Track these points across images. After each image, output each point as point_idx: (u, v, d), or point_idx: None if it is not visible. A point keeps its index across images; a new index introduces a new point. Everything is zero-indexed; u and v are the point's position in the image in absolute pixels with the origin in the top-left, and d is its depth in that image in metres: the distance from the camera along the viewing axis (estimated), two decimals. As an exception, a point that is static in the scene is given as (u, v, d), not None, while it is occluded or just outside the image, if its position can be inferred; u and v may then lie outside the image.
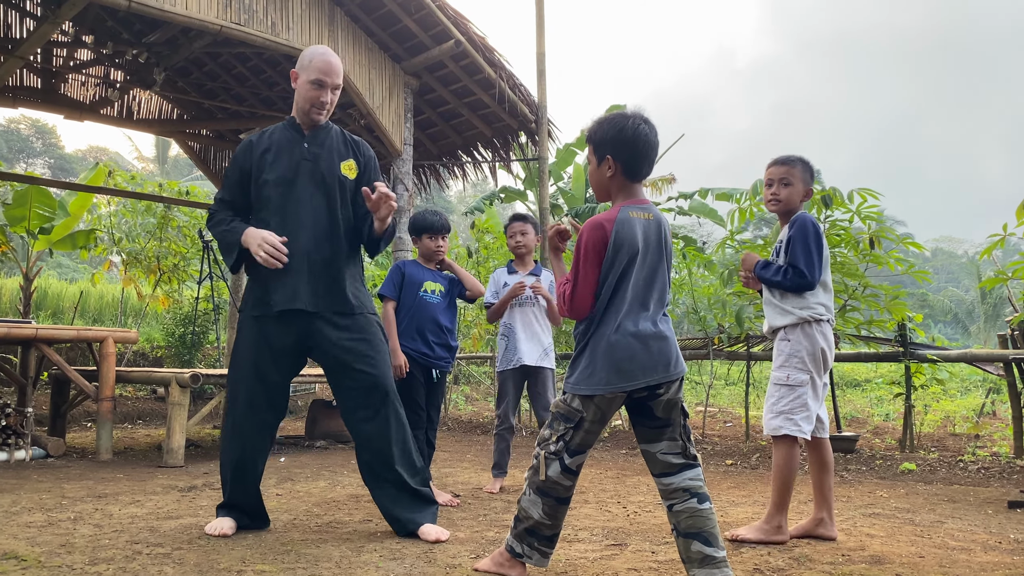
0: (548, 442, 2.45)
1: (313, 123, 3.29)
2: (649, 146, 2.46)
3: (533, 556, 2.48)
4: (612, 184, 2.50)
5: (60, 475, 4.79)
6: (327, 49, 3.27)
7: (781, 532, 3.16)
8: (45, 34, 6.34)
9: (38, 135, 43.73)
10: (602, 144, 2.48)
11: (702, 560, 2.29)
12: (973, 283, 35.89)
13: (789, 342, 3.26)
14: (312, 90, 3.21)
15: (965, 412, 9.67)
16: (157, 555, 2.82)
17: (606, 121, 2.50)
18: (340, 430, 7.02)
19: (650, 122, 2.47)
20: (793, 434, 3.17)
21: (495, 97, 7.45)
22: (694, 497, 2.34)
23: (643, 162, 2.46)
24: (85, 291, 14.29)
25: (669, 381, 2.36)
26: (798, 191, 3.36)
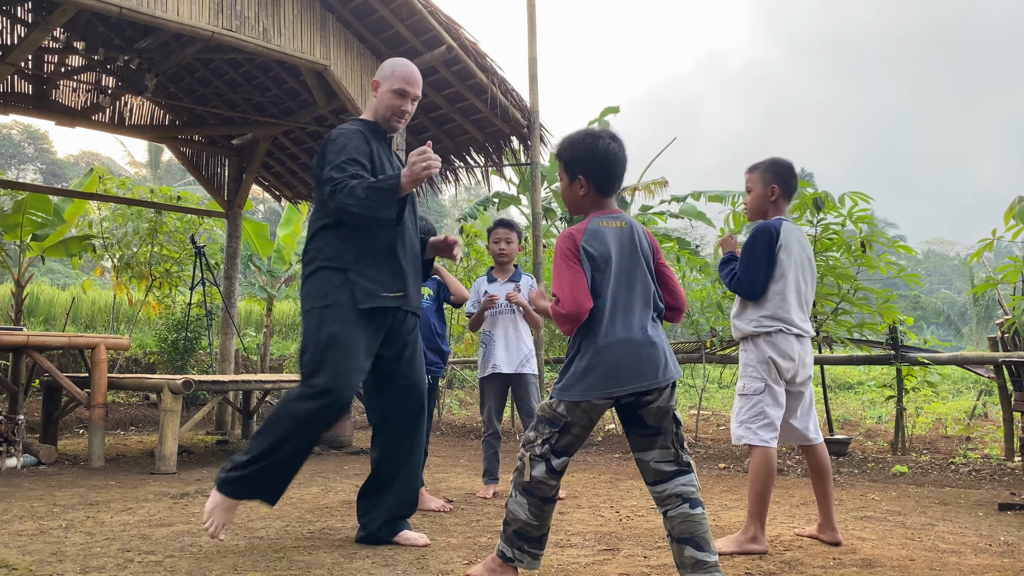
0: (533, 444, 2.47)
1: (392, 130, 3.33)
2: (618, 163, 2.51)
3: (524, 559, 2.48)
4: (584, 201, 2.55)
5: (52, 482, 4.77)
6: (409, 62, 3.33)
7: (757, 542, 3.11)
8: (36, 40, 6.33)
9: (30, 141, 43.59)
10: (573, 163, 2.53)
11: (694, 565, 2.30)
12: (965, 285, 36.05)
13: (745, 352, 3.30)
14: (395, 99, 3.25)
15: (956, 414, 9.71)
16: (149, 563, 2.82)
17: (576, 141, 2.54)
18: (333, 436, 7.01)
19: (618, 139, 2.53)
20: (753, 443, 3.18)
21: (487, 102, 7.46)
22: (686, 502, 2.35)
23: (613, 179, 2.52)
24: (77, 297, 14.25)
25: (658, 388, 2.37)
26: (757, 193, 3.36)
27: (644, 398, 2.38)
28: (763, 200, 3.35)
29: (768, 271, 3.22)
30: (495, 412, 4.65)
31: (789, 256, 3.25)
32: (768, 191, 3.34)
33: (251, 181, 9.70)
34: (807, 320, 3.32)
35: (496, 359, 4.57)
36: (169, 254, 11.12)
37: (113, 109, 8.85)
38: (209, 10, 5.92)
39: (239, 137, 9.55)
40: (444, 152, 8.63)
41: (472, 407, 12.00)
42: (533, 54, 7.25)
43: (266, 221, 37.50)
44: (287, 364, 12.71)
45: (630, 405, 2.41)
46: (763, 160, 3.42)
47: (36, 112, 8.20)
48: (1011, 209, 5.40)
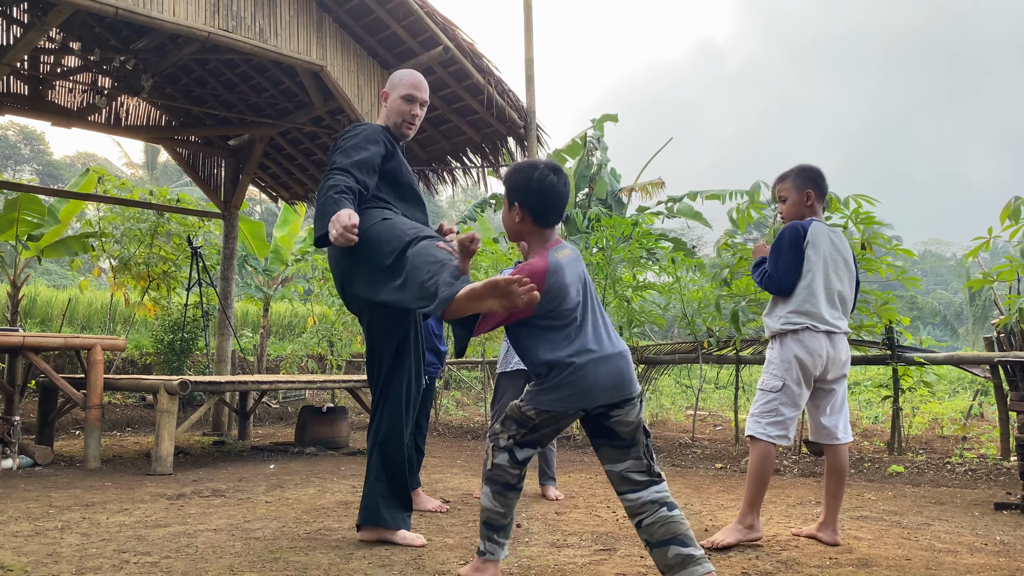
0: (498, 436, 2.54)
1: (404, 137, 3.40)
2: (556, 195, 2.57)
3: (494, 551, 2.53)
4: (522, 228, 2.61)
5: (47, 484, 4.76)
6: (415, 71, 3.45)
7: (753, 530, 3.22)
8: (32, 41, 6.31)
9: (26, 141, 43.51)
10: (512, 190, 2.60)
11: (683, 561, 2.31)
12: (961, 286, 36.07)
13: (771, 350, 3.38)
14: (404, 104, 3.35)
15: (953, 414, 9.72)
16: (145, 564, 2.81)
17: (516, 169, 2.63)
18: (330, 437, 7.01)
19: (560, 172, 2.59)
20: (759, 437, 3.25)
21: (484, 103, 7.46)
22: (663, 507, 2.39)
23: (550, 210, 2.58)
24: (74, 298, 14.22)
25: (625, 400, 2.45)
26: (794, 201, 3.47)
27: (612, 411, 2.45)
28: (799, 206, 3.47)
29: (797, 267, 3.30)
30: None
31: (817, 253, 3.32)
32: (803, 197, 3.46)
33: (248, 182, 9.69)
34: (841, 317, 3.36)
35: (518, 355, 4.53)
36: (166, 255, 11.10)
37: (109, 110, 8.84)
38: (205, 11, 5.92)
39: (236, 138, 9.54)
40: (441, 153, 8.63)
41: (468, 408, 12.00)
42: (530, 55, 7.26)
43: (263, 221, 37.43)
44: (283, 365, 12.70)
45: (598, 417, 2.47)
46: (791, 169, 3.54)
47: (32, 113, 8.19)
48: (1007, 209, 5.41)
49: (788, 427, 3.25)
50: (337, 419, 7.12)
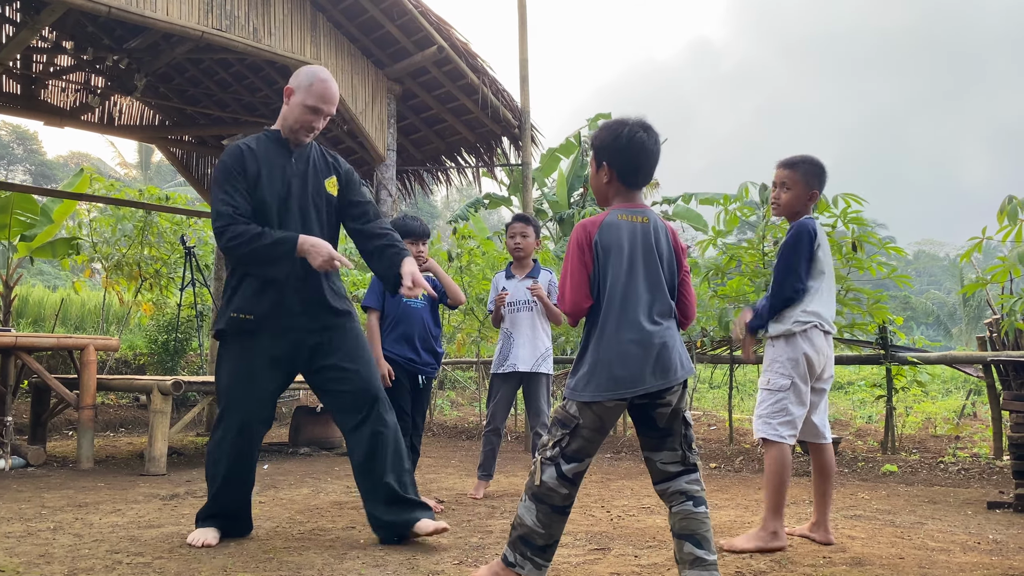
0: (545, 447, 2.41)
1: (298, 143, 3.26)
2: (646, 153, 2.43)
3: (525, 566, 2.40)
4: (609, 190, 2.49)
5: (40, 484, 4.74)
6: (328, 75, 3.24)
7: (777, 538, 3.10)
8: (24, 40, 6.29)
9: (19, 141, 43.36)
10: (600, 150, 2.47)
11: (693, 562, 2.28)
12: (955, 286, 36.22)
13: (773, 348, 3.29)
14: (307, 114, 3.18)
15: (946, 414, 9.76)
16: (138, 564, 2.80)
17: (605, 127, 2.49)
18: (324, 437, 7.00)
19: (651, 129, 2.44)
20: (772, 438, 3.17)
21: (478, 103, 7.46)
22: (690, 500, 2.34)
23: (639, 170, 2.45)
24: (67, 299, 14.17)
25: (669, 388, 2.33)
26: (798, 195, 3.33)
27: (657, 400, 2.34)
28: (801, 201, 3.34)
29: (808, 269, 3.24)
30: (502, 409, 4.59)
31: (826, 254, 3.29)
32: (809, 194, 3.33)
33: (241, 182, 9.66)
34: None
35: (514, 356, 4.50)
36: (159, 255, 11.07)
37: (102, 109, 8.82)
38: (199, 10, 5.90)
39: (229, 137, 9.51)
40: (435, 153, 8.63)
41: (463, 408, 12.00)
42: (524, 55, 7.26)
43: (257, 222, 37.24)
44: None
45: (643, 407, 2.37)
46: (799, 158, 3.37)
47: (25, 112, 8.16)
48: (1003, 210, 5.42)
49: (797, 426, 3.20)
50: (331, 419, 7.10)
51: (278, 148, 3.23)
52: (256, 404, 3.19)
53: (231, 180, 3.10)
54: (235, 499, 3.23)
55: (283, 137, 3.24)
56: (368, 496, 3.20)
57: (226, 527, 3.22)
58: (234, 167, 3.12)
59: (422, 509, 3.19)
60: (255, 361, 3.17)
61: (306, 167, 3.26)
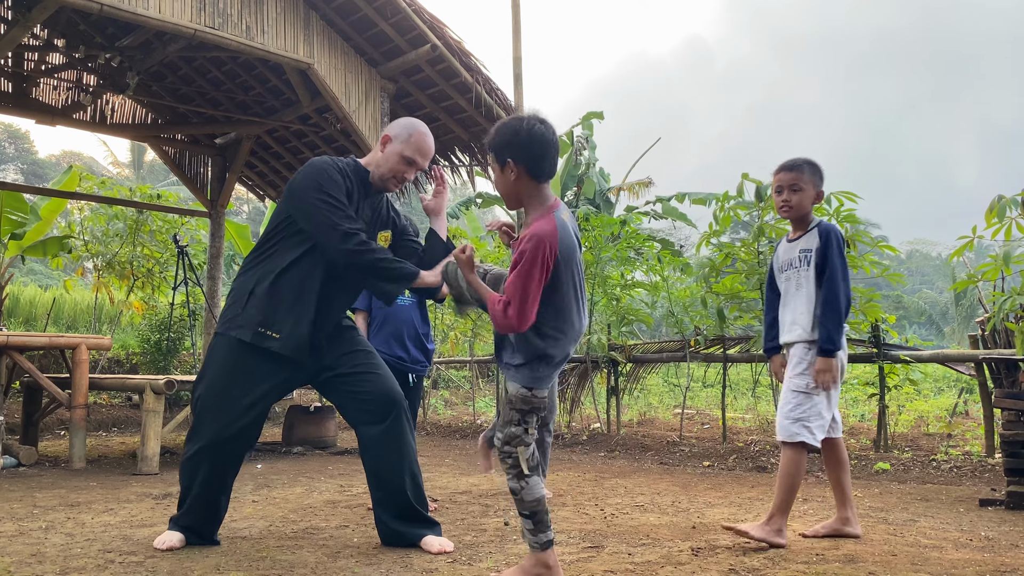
0: (522, 437, 2.51)
1: (385, 191, 3.23)
2: (547, 144, 2.46)
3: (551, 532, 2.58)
4: (519, 187, 2.51)
5: (32, 484, 4.72)
6: (427, 130, 3.22)
7: (781, 535, 3.14)
8: (16, 38, 6.26)
9: (10, 140, 43.17)
10: (501, 149, 2.49)
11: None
12: (947, 285, 36.30)
13: (810, 351, 3.25)
14: (401, 164, 3.14)
15: (938, 412, 9.78)
16: (130, 563, 2.79)
17: (502, 126, 2.51)
18: (317, 436, 6.99)
19: (546, 122, 2.49)
20: (809, 442, 3.17)
21: (472, 101, 7.45)
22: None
23: (544, 161, 2.47)
24: (59, 298, 14.11)
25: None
26: (809, 196, 3.35)
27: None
28: (811, 201, 3.36)
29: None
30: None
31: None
32: (818, 195, 3.36)
33: (234, 180, 9.65)
34: None
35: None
36: (151, 254, 11.04)
37: (94, 107, 8.78)
38: (191, 7, 5.88)
39: (222, 136, 9.50)
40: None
41: (457, 407, 11.99)
42: (518, 53, 7.25)
43: (251, 221, 37.29)
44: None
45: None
46: (801, 160, 3.40)
47: (16, 110, 8.12)
48: (991, 208, 5.44)
49: (826, 428, 3.24)
50: (324, 418, 7.10)
51: (362, 185, 3.15)
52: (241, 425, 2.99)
53: (340, 191, 2.99)
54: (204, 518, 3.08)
55: (368, 180, 3.17)
56: (381, 502, 3.13)
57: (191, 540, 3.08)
58: (339, 181, 3.02)
59: (430, 526, 3.15)
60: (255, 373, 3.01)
61: (372, 216, 3.23)
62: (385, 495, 3.11)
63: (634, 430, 8.09)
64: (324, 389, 3.23)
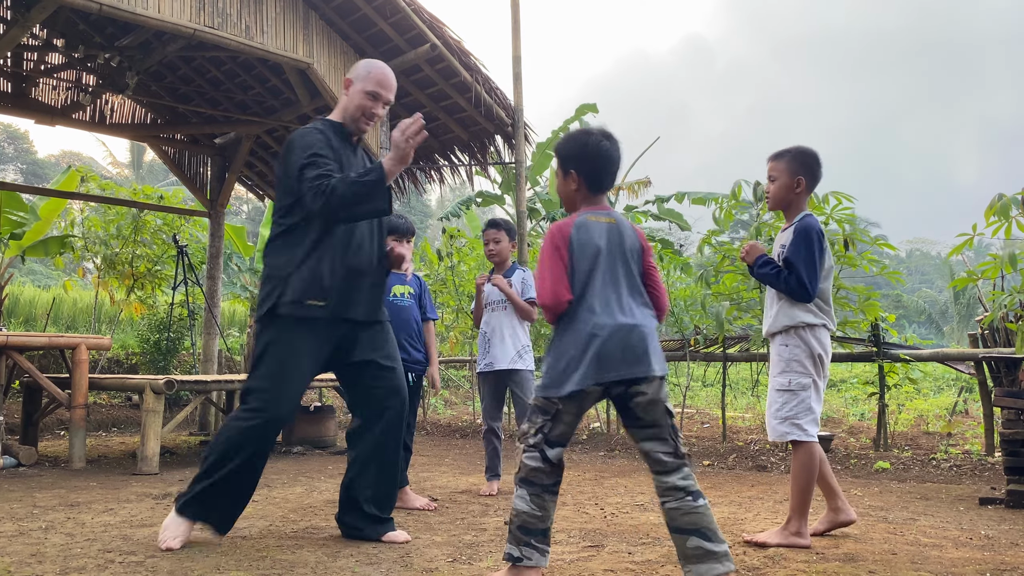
0: (527, 436, 2.48)
1: (359, 132, 3.28)
2: (610, 161, 2.61)
3: (532, 556, 2.44)
4: (577, 196, 2.64)
5: (32, 484, 4.72)
6: (384, 64, 3.29)
7: (802, 536, 3.12)
8: (15, 38, 6.25)
9: (9, 140, 43.16)
10: (567, 159, 2.63)
11: (703, 555, 2.29)
12: (946, 284, 36.31)
13: (787, 347, 3.23)
14: (367, 100, 3.22)
15: (938, 411, 9.80)
16: (130, 563, 2.79)
17: (571, 137, 2.65)
18: (317, 436, 6.99)
19: (612, 138, 2.63)
20: (801, 439, 3.15)
21: (471, 101, 7.45)
22: (688, 495, 2.36)
23: (604, 176, 2.62)
24: (58, 298, 14.11)
25: (647, 379, 2.39)
26: (782, 183, 3.31)
27: (632, 389, 2.40)
28: (788, 191, 3.31)
29: (821, 270, 3.22)
30: (492, 408, 4.66)
31: (828, 254, 3.29)
32: (794, 183, 3.30)
33: (234, 180, 9.64)
34: None
35: (490, 355, 4.58)
36: (151, 254, 11.03)
37: (94, 107, 8.77)
38: (191, 7, 5.88)
39: (222, 136, 9.49)
40: (429, 151, 8.62)
41: (457, 406, 11.99)
42: (517, 53, 7.25)
43: (250, 220, 37.28)
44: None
45: (621, 396, 2.43)
46: (789, 148, 3.37)
47: (15, 110, 8.11)
48: (991, 207, 5.44)
49: (819, 422, 3.22)
50: (324, 418, 7.10)
51: (342, 140, 3.25)
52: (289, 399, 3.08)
53: (318, 148, 3.06)
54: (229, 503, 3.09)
55: (346, 130, 3.26)
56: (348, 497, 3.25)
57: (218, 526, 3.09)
58: (318, 141, 3.09)
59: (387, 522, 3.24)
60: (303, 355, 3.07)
61: (362, 166, 3.29)
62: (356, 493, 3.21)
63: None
64: (344, 375, 3.30)
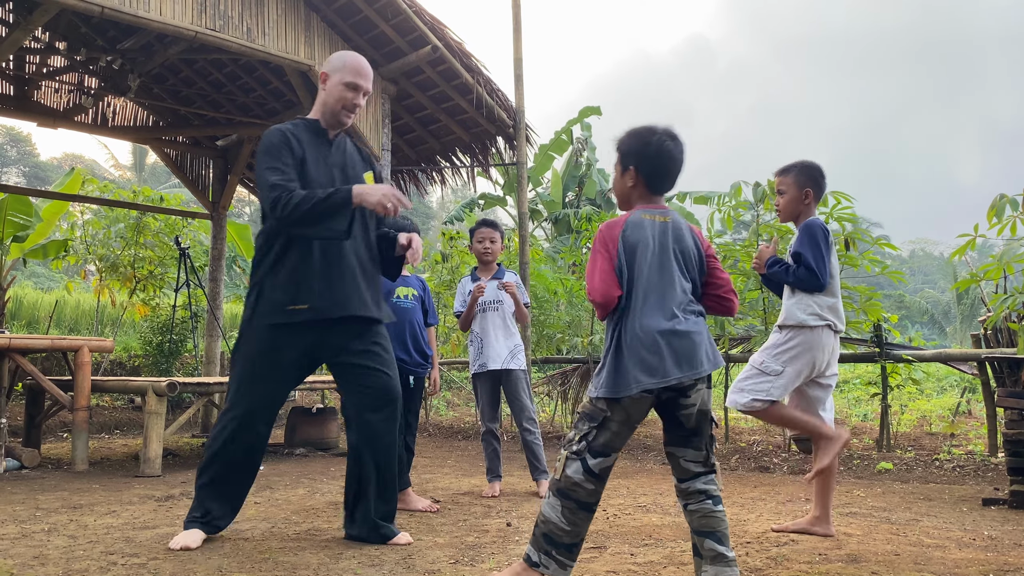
0: (572, 442, 2.42)
1: (340, 125, 3.26)
2: (672, 161, 2.51)
3: (550, 566, 2.37)
4: (633, 194, 2.55)
5: (34, 486, 4.73)
6: (358, 54, 3.28)
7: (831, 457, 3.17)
8: (17, 41, 6.27)
9: (12, 143, 43.24)
10: (627, 155, 2.54)
11: (715, 558, 2.32)
12: (949, 284, 36.25)
13: (785, 338, 3.31)
14: (346, 91, 3.19)
15: (941, 411, 9.78)
16: (132, 565, 2.79)
17: (635, 133, 2.55)
18: (319, 438, 6.99)
19: (677, 139, 2.52)
20: (743, 409, 3.26)
21: (473, 102, 7.45)
22: (709, 499, 2.37)
23: (665, 177, 2.52)
24: (61, 300, 14.12)
25: (696, 380, 2.36)
26: (792, 196, 3.45)
27: (682, 395, 2.37)
28: (797, 204, 3.45)
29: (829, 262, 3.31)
30: (489, 409, 4.67)
31: (834, 252, 3.38)
32: (802, 195, 3.44)
33: (236, 182, 9.65)
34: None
35: (484, 356, 4.60)
36: (152, 256, 11.04)
37: (96, 110, 8.78)
38: (192, 10, 5.89)
39: (224, 138, 9.50)
40: (430, 153, 8.63)
41: (459, 408, 11.99)
42: (519, 54, 7.26)
43: (252, 223, 37.37)
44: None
45: (669, 402, 2.40)
46: (795, 163, 3.50)
47: (18, 113, 8.12)
48: (993, 207, 5.44)
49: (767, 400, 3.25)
50: (327, 420, 7.10)
51: (316, 137, 3.22)
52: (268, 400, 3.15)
53: (280, 156, 3.06)
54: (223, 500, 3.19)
55: (321, 127, 3.24)
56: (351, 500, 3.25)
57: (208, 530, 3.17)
58: (282, 145, 3.09)
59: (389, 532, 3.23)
60: (284, 353, 3.13)
61: (343, 159, 3.28)
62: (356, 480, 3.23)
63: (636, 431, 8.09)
64: (337, 371, 3.29)
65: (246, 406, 3.13)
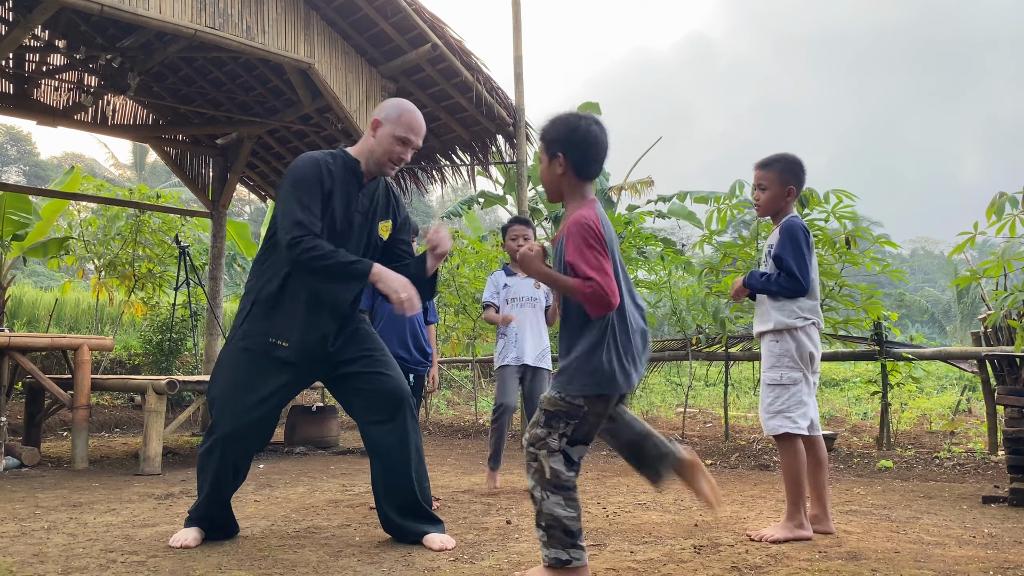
0: (546, 440, 2.41)
1: (382, 175, 3.20)
2: (600, 146, 2.50)
3: (580, 556, 2.40)
4: (563, 182, 2.53)
5: (34, 485, 4.73)
6: (415, 108, 3.19)
7: (803, 528, 3.20)
8: (16, 39, 6.26)
9: (12, 142, 43.26)
10: (554, 142, 2.51)
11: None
12: (949, 283, 36.26)
13: (778, 343, 3.31)
14: (396, 145, 3.11)
15: (941, 410, 9.78)
16: (132, 563, 2.79)
17: (559, 120, 2.53)
18: (319, 436, 6.99)
19: (601, 124, 2.53)
20: (792, 432, 3.21)
21: (472, 100, 7.45)
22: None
23: (593, 162, 2.51)
24: (61, 299, 14.13)
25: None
26: (774, 193, 3.40)
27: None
28: (779, 200, 3.41)
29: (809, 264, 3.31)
30: (511, 391, 4.62)
31: (814, 252, 3.36)
32: (784, 191, 3.40)
33: (236, 181, 9.65)
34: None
35: (519, 349, 4.60)
36: (151, 254, 11.04)
37: (96, 108, 8.78)
38: (192, 8, 5.88)
39: (223, 136, 9.50)
40: (430, 151, 8.62)
41: (460, 407, 11.99)
42: (519, 52, 7.25)
43: (252, 222, 37.28)
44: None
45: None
46: (775, 157, 3.44)
47: (17, 112, 8.12)
48: (992, 205, 5.43)
49: (808, 416, 3.27)
50: (327, 418, 7.10)
51: (350, 176, 3.13)
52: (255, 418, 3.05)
53: (310, 191, 2.99)
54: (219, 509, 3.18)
55: (360, 170, 3.15)
56: (384, 496, 3.15)
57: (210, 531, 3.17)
58: (314, 179, 3.01)
59: (433, 523, 3.17)
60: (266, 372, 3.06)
61: (369, 205, 3.20)
62: (390, 491, 3.13)
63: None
64: (333, 386, 3.25)
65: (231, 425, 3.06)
